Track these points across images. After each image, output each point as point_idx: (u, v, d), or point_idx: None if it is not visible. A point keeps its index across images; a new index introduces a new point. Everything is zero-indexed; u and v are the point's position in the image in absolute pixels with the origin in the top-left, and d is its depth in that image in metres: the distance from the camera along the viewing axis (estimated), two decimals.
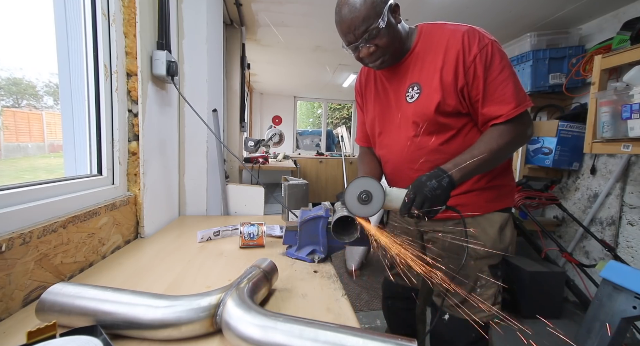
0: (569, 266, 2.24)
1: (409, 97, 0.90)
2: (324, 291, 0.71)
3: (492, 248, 0.90)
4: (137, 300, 0.52)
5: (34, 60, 0.92)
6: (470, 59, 0.81)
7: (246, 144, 3.08)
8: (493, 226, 0.91)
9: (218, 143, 1.42)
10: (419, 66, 0.89)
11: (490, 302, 0.93)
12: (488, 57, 0.81)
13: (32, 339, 0.42)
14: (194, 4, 1.33)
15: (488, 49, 0.81)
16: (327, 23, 2.48)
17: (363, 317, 2.05)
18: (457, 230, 0.92)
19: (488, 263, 0.92)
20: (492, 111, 0.83)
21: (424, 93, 0.87)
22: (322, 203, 0.94)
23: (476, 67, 0.81)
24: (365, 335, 0.44)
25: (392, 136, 0.97)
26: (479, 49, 0.81)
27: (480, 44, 0.81)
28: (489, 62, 0.81)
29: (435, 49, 0.86)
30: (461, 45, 0.82)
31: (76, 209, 0.76)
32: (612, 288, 0.95)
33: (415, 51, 0.89)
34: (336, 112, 11.19)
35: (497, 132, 0.82)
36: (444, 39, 0.85)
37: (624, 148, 1.52)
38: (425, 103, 0.87)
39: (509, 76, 0.82)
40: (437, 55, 0.85)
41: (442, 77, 0.84)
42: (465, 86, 0.83)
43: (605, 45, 1.92)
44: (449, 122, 0.87)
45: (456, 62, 0.82)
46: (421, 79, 0.88)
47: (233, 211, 1.51)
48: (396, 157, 0.97)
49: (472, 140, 0.89)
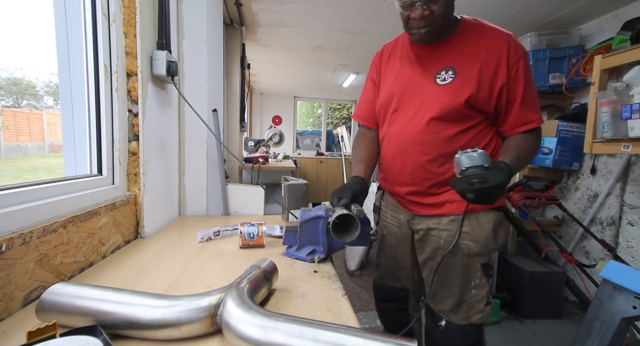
0: (569, 266, 2.24)
1: (440, 79, 0.89)
2: (324, 291, 0.71)
3: (485, 246, 0.90)
4: (137, 300, 0.52)
5: (34, 60, 0.92)
6: (515, 60, 0.84)
7: (246, 144, 3.08)
8: (488, 223, 0.91)
9: (218, 143, 1.42)
10: (457, 52, 0.88)
11: (484, 303, 0.92)
12: (527, 64, 0.86)
13: (32, 339, 0.42)
14: (194, 4, 1.33)
15: (527, 58, 0.87)
16: (327, 23, 2.48)
17: (363, 317, 2.05)
18: (453, 227, 0.91)
19: (481, 261, 0.92)
20: (527, 115, 0.87)
21: (458, 79, 0.86)
22: (322, 203, 0.94)
23: (519, 69, 0.84)
24: (365, 335, 0.44)
25: (408, 115, 0.94)
26: (522, 55, 0.85)
27: (523, 50, 0.86)
28: (527, 69, 0.86)
29: (479, 41, 0.87)
30: (507, 44, 0.84)
31: (76, 209, 0.76)
32: (612, 288, 0.95)
33: (456, 37, 0.89)
34: (336, 112, 11.18)
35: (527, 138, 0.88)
36: (489, 34, 0.87)
37: (624, 148, 1.51)
38: (457, 89, 0.86)
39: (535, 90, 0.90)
40: (480, 48, 0.86)
41: (482, 69, 0.85)
42: (505, 85, 0.85)
43: (606, 45, 1.92)
44: (471, 114, 0.88)
45: (499, 59, 0.84)
46: (458, 64, 0.87)
47: (233, 211, 1.51)
48: (407, 137, 0.94)
49: (484, 137, 0.91)
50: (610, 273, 0.96)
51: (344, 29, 2.58)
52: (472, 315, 0.92)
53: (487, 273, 0.93)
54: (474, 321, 0.92)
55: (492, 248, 0.92)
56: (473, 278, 0.91)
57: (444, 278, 0.94)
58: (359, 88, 4.97)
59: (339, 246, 0.91)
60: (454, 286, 0.93)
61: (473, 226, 0.90)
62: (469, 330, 0.92)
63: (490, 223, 0.91)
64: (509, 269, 2.16)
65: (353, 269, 2.64)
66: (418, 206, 0.98)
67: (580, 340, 0.99)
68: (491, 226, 0.91)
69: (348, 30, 2.61)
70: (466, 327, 0.92)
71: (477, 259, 0.91)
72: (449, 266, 0.93)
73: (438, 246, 0.94)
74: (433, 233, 0.95)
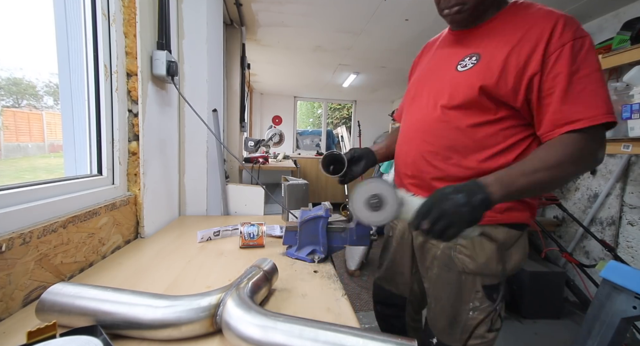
0: (569, 266, 2.24)
1: (461, 66, 0.77)
2: (324, 291, 0.71)
3: (485, 266, 0.76)
4: (137, 300, 0.52)
5: (34, 60, 0.92)
6: (557, 45, 0.65)
7: (246, 144, 3.08)
8: (492, 241, 0.75)
9: (218, 143, 1.42)
10: (491, 36, 0.75)
11: (485, 328, 0.79)
12: (584, 48, 0.65)
13: (32, 339, 0.42)
14: (194, 4, 1.33)
15: (586, 41, 0.66)
16: (327, 23, 2.48)
17: (363, 317, 2.05)
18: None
19: (483, 282, 0.78)
20: (571, 111, 0.64)
21: (479, 65, 0.74)
22: (322, 203, 0.94)
23: (562, 55, 0.65)
24: (365, 334, 0.44)
25: (422, 103, 0.85)
26: (574, 37, 0.65)
27: (577, 33, 0.66)
28: (584, 56, 0.65)
29: (517, 24, 0.71)
30: (552, 26, 0.66)
31: (76, 209, 0.76)
32: (612, 288, 0.95)
33: (495, 21, 0.76)
34: (336, 112, 11.19)
35: (562, 145, 0.65)
36: (532, 15, 0.71)
37: (624, 148, 1.52)
38: (474, 75, 0.73)
39: (603, 80, 0.66)
40: (516, 31, 0.71)
41: (511, 54, 0.69)
42: (537, 75, 0.67)
43: (605, 45, 1.92)
44: (491, 106, 0.73)
45: (536, 44, 0.67)
46: (484, 50, 0.75)
47: (233, 211, 1.51)
48: (414, 124, 0.86)
49: (508, 138, 0.74)
50: (610, 273, 0.96)
51: (344, 29, 2.58)
52: (467, 339, 0.79)
53: (490, 296, 0.78)
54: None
55: (496, 271, 0.76)
56: (471, 299, 0.79)
57: (439, 292, 0.84)
58: (359, 88, 4.97)
59: (339, 246, 0.91)
60: (447, 303, 0.82)
61: (473, 241, 0.77)
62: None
63: (495, 242, 0.75)
64: None
65: (353, 269, 2.64)
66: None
67: (580, 340, 0.99)
68: (495, 245, 0.75)
69: (348, 30, 2.62)
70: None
71: (477, 279, 0.78)
72: (445, 280, 0.82)
73: (436, 256, 0.84)
74: (432, 241, 0.85)
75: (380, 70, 3.77)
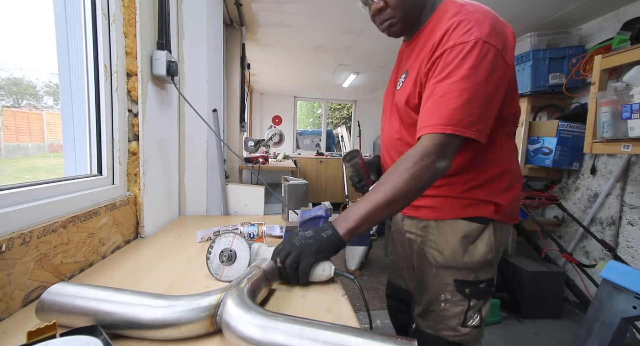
0: (569, 266, 2.24)
1: (399, 84, 0.84)
2: (324, 291, 0.71)
3: (452, 259, 0.81)
4: (137, 300, 0.52)
5: (34, 60, 0.92)
6: (439, 53, 0.67)
7: (246, 144, 3.09)
8: (455, 234, 0.81)
9: (218, 143, 1.42)
10: (417, 50, 0.78)
11: (457, 321, 0.83)
12: (459, 55, 0.64)
13: (32, 339, 0.42)
14: (194, 4, 1.33)
15: (466, 46, 0.64)
16: (327, 23, 2.48)
17: (363, 317, 2.05)
18: (423, 234, 0.88)
19: (454, 276, 0.82)
20: (426, 117, 0.68)
21: (406, 83, 0.79)
22: (322, 203, 0.94)
23: (440, 60, 0.67)
24: (365, 334, 0.44)
25: (385, 120, 0.95)
26: (454, 44, 0.65)
27: (461, 38, 0.65)
28: (457, 63, 0.65)
29: (436, 32, 0.72)
30: (443, 33, 0.68)
31: (76, 209, 0.76)
32: (612, 288, 0.95)
33: (426, 30, 0.77)
34: (336, 112, 11.18)
35: (403, 160, 0.68)
36: (442, 22, 0.72)
37: (624, 148, 1.52)
38: (402, 93, 0.80)
39: (470, 90, 0.64)
40: (431, 40, 0.72)
41: (421, 67, 0.73)
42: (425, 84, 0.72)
43: (605, 45, 1.92)
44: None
45: (431, 52, 0.70)
46: (410, 66, 0.79)
47: (233, 211, 1.51)
48: (385, 143, 0.95)
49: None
50: (610, 273, 0.96)
51: (344, 29, 2.58)
52: (440, 329, 0.85)
53: (462, 290, 0.82)
54: (443, 336, 0.85)
55: (462, 263, 0.81)
56: (442, 291, 0.84)
57: (418, 283, 0.92)
58: (359, 88, 4.97)
59: None
60: (424, 293, 0.89)
61: (439, 234, 0.83)
62: (437, 342, 0.86)
63: (458, 234, 0.80)
64: (509, 270, 2.16)
65: (353, 269, 2.64)
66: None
67: (580, 340, 0.99)
68: (458, 237, 0.80)
69: (348, 30, 2.62)
70: (434, 338, 0.86)
71: (448, 273, 0.83)
72: (421, 273, 0.90)
73: (415, 250, 0.92)
74: (412, 237, 0.93)
75: (380, 70, 3.77)
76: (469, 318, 0.83)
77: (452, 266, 0.82)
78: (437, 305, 0.85)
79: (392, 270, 1.15)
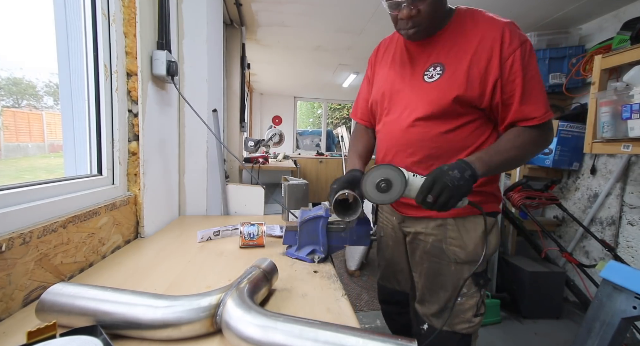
0: (569, 266, 2.24)
1: (428, 76, 0.85)
2: (324, 291, 0.71)
3: (474, 253, 0.86)
4: (137, 300, 0.52)
5: (34, 60, 0.92)
6: (509, 52, 0.77)
7: (246, 144, 3.08)
8: (476, 229, 0.86)
9: (218, 143, 1.42)
10: (447, 47, 0.83)
11: (472, 313, 0.87)
12: (527, 54, 0.77)
13: (32, 339, 0.42)
14: (194, 4, 1.33)
15: (527, 46, 0.78)
16: (327, 23, 2.48)
17: (363, 317, 2.05)
18: (439, 233, 0.88)
19: (470, 270, 0.86)
20: (528, 110, 0.79)
21: (446, 76, 0.82)
22: (322, 203, 0.94)
23: (515, 61, 0.77)
24: (365, 334, 0.44)
25: (396, 115, 0.91)
26: (520, 43, 0.77)
27: (521, 39, 0.78)
28: (528, 60, 0.78)
29: (469, 34, 0.81)
30: (500, 35, 0.77)
31: (76, 209, 0.76)
32: (612, 288, 0.95)
33: (448, 31, 0.84)
34: (336, 112, 11.18)
35: (526, 133, 0.80)
36: (481, 25, 0.81)
37: (624, 148, 1.52)
38: (445, 86, 0.81)
39: (541, 80, 0.81)
40: (471, 41, 0.80)
41: (472, 65, 0.79)
42: (500, 79, 0.78)
43: (605, 45, 1.92)
44: (463, 111, 0.83)
45: (491, 52, 0.78)
46: (447, 61, 0.83)
47: (233, 211, 1.51)
48: (394, 139, 0.92)
49: (480, 136, 0.85)
50: (610, 273, 0.96)
51: (344, 29, 2.58)
52: (456, 323, 0.88)
53: (477, 282, 0.87)
54: (459, 330, 0.88)
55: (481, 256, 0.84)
56: (461, 285, 0.86)
57: (432, 282, 0.91)
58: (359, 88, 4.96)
59: (339, 246, 0.91)
60: (441, 292, 0.90)
61: (461, 231, 0.86)
62: (452, 337, 0.88)
63: (479, 230, 0.86)
64: (509, 269, 2.16)
65: (353, 269, 2.64)
66: (407, 208, 0.95)
67: (580, 340, 0.99)
68: (480, 232, 0.86)
69: (348, 30, 2.61)
70: (449, 334, 0.88)
71: (465, 267, 0.87)
72: (437, 271, 0.90)
73: (425, 250, 0.91)
74: (420, 237, 0.92)
75: None
76: (479, 307, 0.89)
77: (473, 261, 0.86)
78: (455, 301, 0.87)
79: (383, 274, 1.13)
